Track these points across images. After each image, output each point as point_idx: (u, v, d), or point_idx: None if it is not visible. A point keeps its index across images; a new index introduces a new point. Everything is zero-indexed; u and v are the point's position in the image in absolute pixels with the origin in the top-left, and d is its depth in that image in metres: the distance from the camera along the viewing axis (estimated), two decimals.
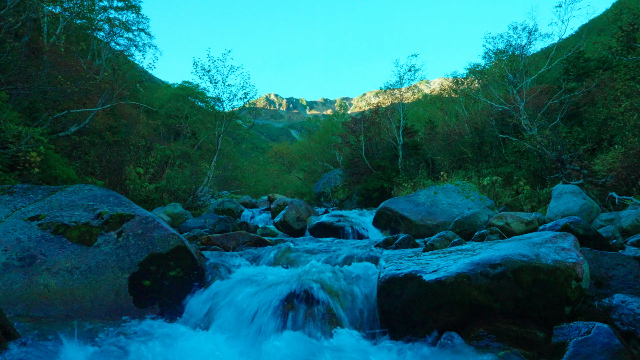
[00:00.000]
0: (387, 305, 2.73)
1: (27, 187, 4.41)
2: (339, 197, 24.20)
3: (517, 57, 18.19)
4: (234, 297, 3.21)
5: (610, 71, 14.85)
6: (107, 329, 2.74)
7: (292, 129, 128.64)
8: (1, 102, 9.66)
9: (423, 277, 2.64)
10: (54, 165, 10.43)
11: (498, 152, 17.33)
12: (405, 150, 22.20)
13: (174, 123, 29.21)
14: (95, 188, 4.49)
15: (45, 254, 3.41)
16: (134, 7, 24.76)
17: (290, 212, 9.93)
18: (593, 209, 7.68)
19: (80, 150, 12.60)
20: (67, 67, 12.92)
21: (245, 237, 5.77)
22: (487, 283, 2.50)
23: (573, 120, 15.48)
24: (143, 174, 11.52)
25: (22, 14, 13.48)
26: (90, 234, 3.66)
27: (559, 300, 2.48)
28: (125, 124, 19.16)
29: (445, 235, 5.22)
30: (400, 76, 24.53)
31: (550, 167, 13.31)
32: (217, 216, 8.94)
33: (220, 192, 17.24)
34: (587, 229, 3.83)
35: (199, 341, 2.66)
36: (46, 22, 16.24)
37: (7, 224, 3.68)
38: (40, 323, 2.83)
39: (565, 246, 2.78)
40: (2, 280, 3.16)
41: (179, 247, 3.61)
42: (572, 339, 2.11)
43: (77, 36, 20.34)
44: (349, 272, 3.30)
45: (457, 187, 11.88)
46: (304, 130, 57.78)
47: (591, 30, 23.95)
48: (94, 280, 3.29)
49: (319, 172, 33.40)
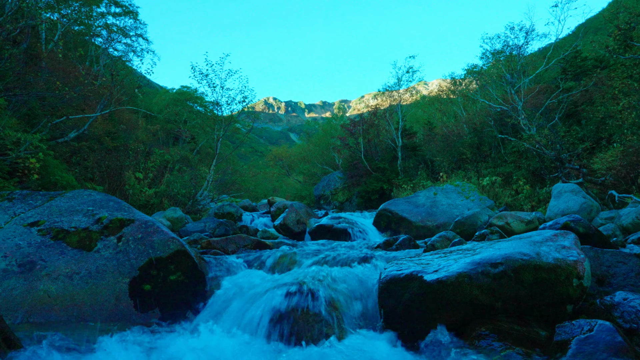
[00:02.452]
0: (389, 306, 2.72)
1: (27, 193, 4.40)
2: (339, 200, 24.17)
3: (515, 57, 18.20)
4: (235, 300, 3.21)
5: (607, 70, 14.89)
6: (107, 334, 2.72)
7: (291, 132, 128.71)
8: (0, 109, 9.67)
9: (424, 277, 2.63)
10: (53, 172, 10.41)
11: (497, 152, 17.34)
12: (404, 151, 22.20)
13: (172, 128, 29.20)
14: (95, 193, 4.48)
15: (45, 259, 3.40)
16: (131, 12, 24.82)
17: (290, 215, 9.92)
18: (593, 208, 7.67)
19: (80, 156, 12.58)
20: (65, 73, 12.93)
21: (245, 240, 5.76)
22: (488, 282, 2.50)
23: (571, 119, 15.49)
24: (142, 178, 11.49)
25: (20, 21, 13.50)
26: (90, 239, 3.65)
27: (561, 299, 2.48)
28: (124, 129, 19.14)
29: (445, 236, 5.21)
30: (399, 78, 24.54)
31: (549, 166, 13.31)
32: (217, 220, 8.93)
33: (220, 196, 17.19)
34: (587, 227, 3.83)
35: (201, 344, 2.64)
36: (44, 28, 16.26)
37: (7, 230, 3.67)
38: (40, 329, 2.82)
39: (566, 244, 2.78)
40: (2, 286, 3.14)
41: (179, 251, 3.60)
42: (575, 336, 2.10)
43: (75, 42, 20.39)
44: (349, 274, 3.30)
45: (457, 187, 11.90)
46: (303, 134, 57.78)
47: (588, 30, 24.05)
48: (94, 286, 3.27)
49: (319, 175, 33.37)
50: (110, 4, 23.64)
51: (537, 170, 13.73)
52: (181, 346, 2.57)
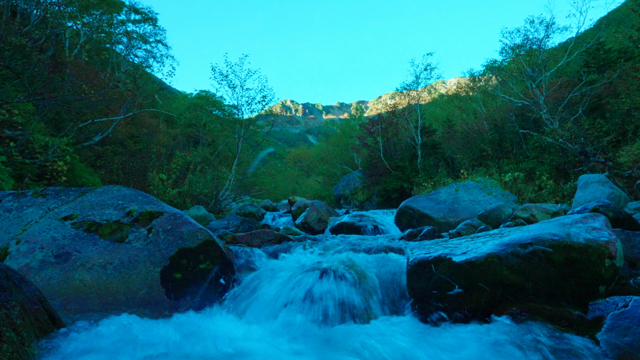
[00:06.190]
0: (417, 289, 2.73)
1: (59, 189, 4.54)
2: (359, 199, 24.14)
3: (535, 51, 17.94)
4: (263, 287, 3.26)
5: (632, 61, 14.56)
6: (143, 318, 2.81)
7: (309, 134, 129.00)
8: (28, 114, 9.97)
9: (453, 259, 2.63)
10: (80, 174, 10.70)
11: (519, 148, 17.11)
12: (424, 149, 22.09)
13: (192, 131, 29.64)
14: (124, 189, 4.59)
15: (79, 250, 3.51)
16: (150, 19, 25.32)
17: (311, 214, 9.98)
18: (621, 198, 7.50)
19: (104, 159, 12.90)
20: (88, 78, 13.27)
21: (269, 234, 5.82)
22: (518, 263, 2.49)
23: (595, 112, 15.19)
24: (166, 179, 11.72)
25: (45, 29, 13.90)
26: (122, 231, 3.75)
27: (593, 279, 2.45)
28: (146, 133, 19.52)
29: (471, 224, 5.18)
30: (417, 75, 24.44)
31: (573, 160, 13.08)
32: (240, 217, 9.03)
33: (242, 197, 17.38)
34: (617, 211, 3.76)
35: (232, 328, 2.70)
36: (67, 37, 16.72)
37: (42, 224, 3.81)
38: (78, 315, 2.92)
39: (596, 226, 2.75)
40: (40, 276, 3.26)
41: (207, 241, 3.67)
42: (609, 312, 2.08)
43: (97, 50, 20.89)
44: (377, 260, 3.32)
45: (479, 183, 11.77)
46: (321, 135, 57.91)
47: (610, 22, 23.53)
48: (127, 275, 3.36)
49: (338, 175, 33.42)
50: (130, 11, 24.16)
51: (561, 165, 13.50)
52: (213, 328, 2.63)
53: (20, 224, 3.83)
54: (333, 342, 2.35)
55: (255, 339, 2.49)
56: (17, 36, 10.38)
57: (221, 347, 2.19)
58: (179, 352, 2.10)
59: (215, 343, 2.31)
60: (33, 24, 13.12)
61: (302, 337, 2.45)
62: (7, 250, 3.48)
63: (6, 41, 9.70)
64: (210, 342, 2.33)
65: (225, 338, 2.45)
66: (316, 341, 2.38)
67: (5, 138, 8.77)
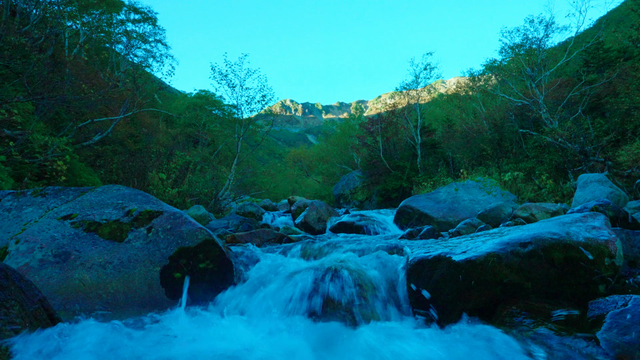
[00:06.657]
0: (417, 287, 2.73)
1: (59, 189, 4.54)
2: (359, 199, 24.14)
3: (535, 50, 17.94)
4: (263, 286, 3.26)
5: (631, 60, 14.56)
6: (142, 317, 2.81)
7: (309, 134, 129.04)
8: (28, 113, 9.96)
9: (452, 258, 2.63)
10: (79, 174, 10.69)
11: (518, 147, 17.11)
12: (423, 149, 22.08)
13: (192, 131, 29.62)
14: (123, 188, 4.59)
15: (79, 250, 3.51)
16: (150, 19, 25.31)
17: (311, 213, 9.97)
18: (621, 197, 7.50)
19: (104, 159, 12.89)
20: (88, 78, 13.26)
21: (269, 234, 5.82)
22: (517, 262, 2.49)
23: (595, 112, 15.20)
24: (165, 179, 11.72)
25: (44, 29, 13.88)
26: (121, 231, 3.75)
27: (592, 278, 2.45)
28: (146, 132, 19.52)
29: (470, 223, 5.18)
30: (416, 75, 24.44)
31: (572, 160, 13.09)
32: (239, 217, 9.04)
33: (241, 197, 17.38)
34: (617, 210, 3.76)
35: (231, 328, 2.70)
36: (67, 36, 16.71)
37: (42, 223, 3.80)
38: (77, 314, 2.92)
39: (596, 225, 2.75)
40: (39, 275, 3.26)
41: (207, 240, 3.67)
42: (609, 311, 2.08)
43: (97, 49, 20.88)
44: (376, 259, 3.32)
45: (479, 183, 11.78)
46: (321, 134, 57.95)
47: (610, 22, 23.51)
48: (126, 274, 3.36)
49: (338, 175, 33.42)
50: (130, 11, 24.15)
51: (560, 164, 13.51)
52: (212, 327, 2.63)
53: (19, 224, 3.83)
54: (333, 342, 2.35)
55: (255, 338, 2.48)
56: (17, 36, 10.38)
57: (220, 346, 2.20)
58: (179, 351, 2.10)
59: (215, 342, 2.32)
60: (32, 23, 13.12)
61: (302, 336, 2.45)
62: (6, 250, 3.48)
63: (5, 40, 9.70)
64: (210, 341, 2.34)
65: (225, 337, 2.46)
66: (316, 341, 2.38)
67: (4, 137, 8.77)
